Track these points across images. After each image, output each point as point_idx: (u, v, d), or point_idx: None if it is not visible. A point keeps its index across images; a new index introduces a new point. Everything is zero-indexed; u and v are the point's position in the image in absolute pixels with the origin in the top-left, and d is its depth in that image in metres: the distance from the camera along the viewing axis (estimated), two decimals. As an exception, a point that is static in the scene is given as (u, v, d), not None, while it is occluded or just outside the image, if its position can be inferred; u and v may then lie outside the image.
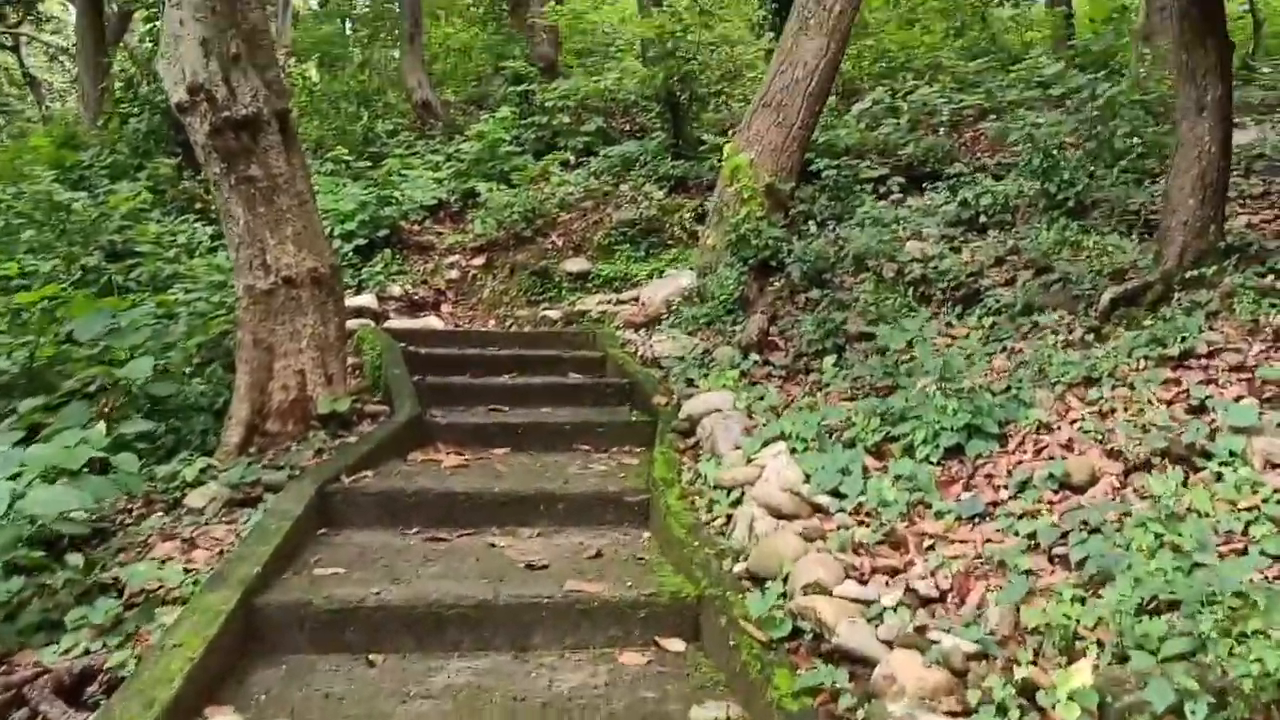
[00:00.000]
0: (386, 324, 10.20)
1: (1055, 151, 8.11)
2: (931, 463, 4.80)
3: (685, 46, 12.98)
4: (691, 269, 9.80)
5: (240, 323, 6.51)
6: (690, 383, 7.18)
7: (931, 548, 4.12)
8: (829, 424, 5.34)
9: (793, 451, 5.02)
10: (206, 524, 5.21)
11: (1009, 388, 5.37)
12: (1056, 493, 4.32)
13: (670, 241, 12.14)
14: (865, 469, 4.81)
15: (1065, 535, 3.91)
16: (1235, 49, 6.26)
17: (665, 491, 5.12)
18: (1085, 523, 3.90)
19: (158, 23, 13.41)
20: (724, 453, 5.41)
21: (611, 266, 11.87)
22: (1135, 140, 9.02)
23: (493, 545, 4.98)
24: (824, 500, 4.57)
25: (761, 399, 6.19)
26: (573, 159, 13.38)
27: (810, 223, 9.45)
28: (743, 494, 4.86)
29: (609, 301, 11.05)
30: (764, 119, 9.57)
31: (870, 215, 9.21)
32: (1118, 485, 4.25)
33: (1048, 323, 6.42)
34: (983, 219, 8.57)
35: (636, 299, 10.85)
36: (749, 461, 5.09)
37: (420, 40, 16.48)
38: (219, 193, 6.52)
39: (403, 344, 8.40)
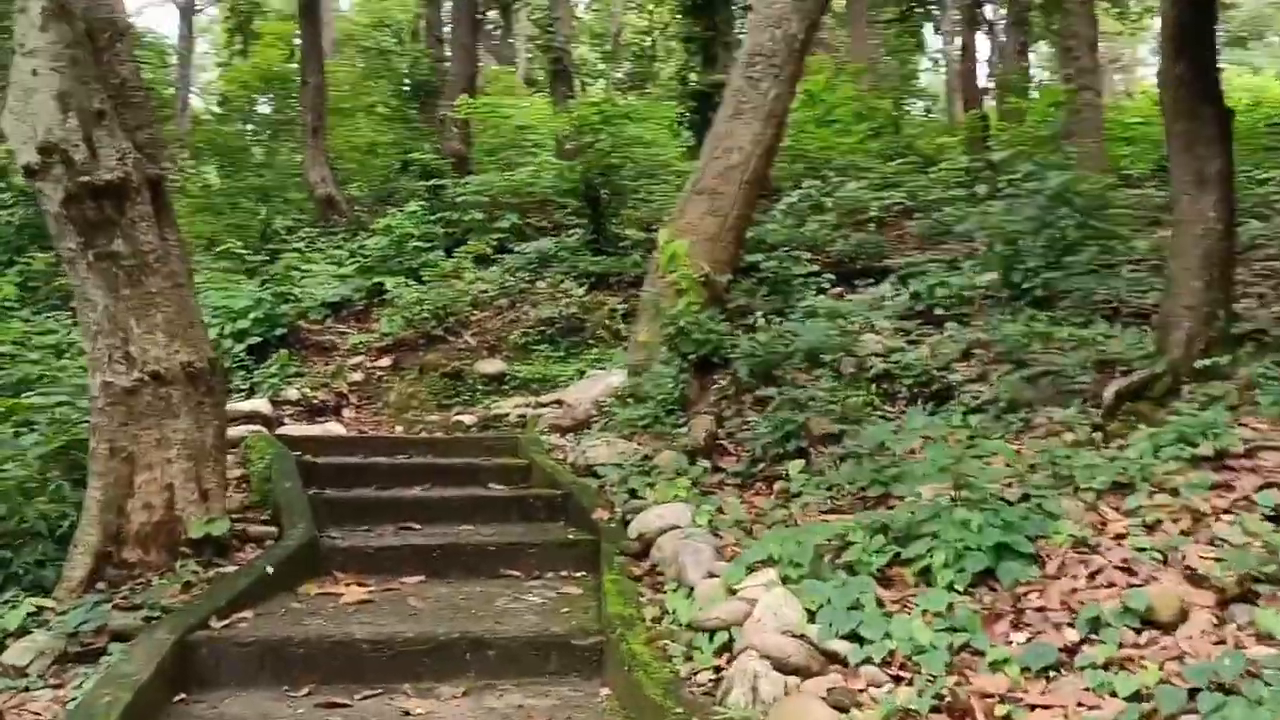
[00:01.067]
0: (280, 430, 8.95)
1: (1018, 240, 7.39)
2: (958, 591, 3.80)
3: (605, 137, 12.20)
4: (620, 368, 8.80)
5: (95, 428, 5.27)
6: (634, 494, 6.11)
7: (1007, 718, 3.08)
8: (818, 544, 4.31)
9: (784, 580, 3.97)
10: (27, 689, 3.92)
11: (1026, 496, 4.43)
12: (1139, 632, 3.34)
13: (592, 341, 11.18)
14: (879, 601, 3.78)
15: (1193, 695, 2.91)
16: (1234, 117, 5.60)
17: (626, 634, 3.99)
18: (1215, 678, 2.91)
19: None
20: (694, 581, 4.32)
21: (529, 367, 10.84)
22: (1085, 230, 8.37)
23: (406, 714, 3.79)
24: (839, 647, 3.52)
25: (722, 512, 5.15)
26: (490, 252, 12.39)
27: (750, 317, 8.57)
28: (730, 638, 3.77)
29: (528, 405, 9.99)
30: (697, 207, 8.72)
31: (815, 309, 8.36)
32: (1215, 621, 3.30)
33: (1041, 421, 5.56)
34: (938, 311, 7.78)
35: (559, 401, 9.80)
36: (731, 593, 4.02)
37: (323, 134, 15.46)
38: (73, 273, 5.33)
39: (298, 453, 7.18)
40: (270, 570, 4.87)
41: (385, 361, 10.95)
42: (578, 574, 5.37)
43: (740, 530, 4.99)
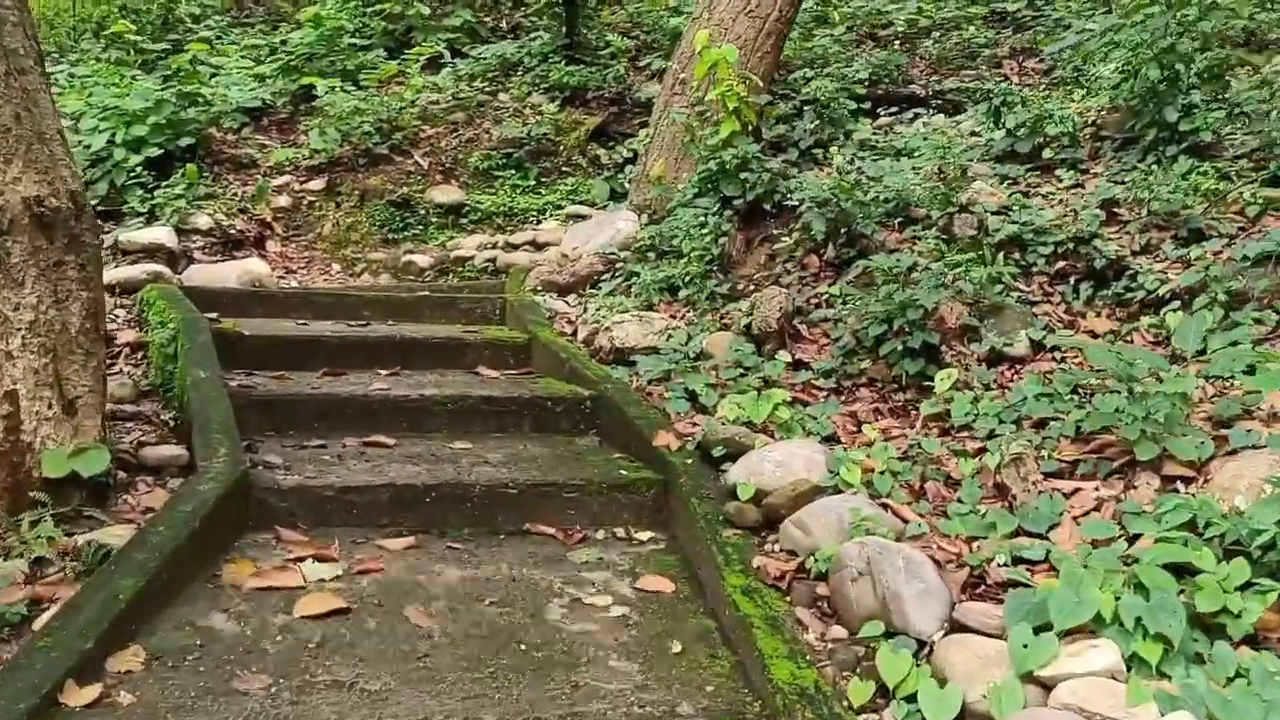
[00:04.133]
0: (189, 275, 6.73)
1: (1176, 65, 5.38)
2: None
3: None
4: (627, 208, 6.71)
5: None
6: (694, 399, 4.19)
7: None
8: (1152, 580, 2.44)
9: (1131, 665, 2.14)
10: None
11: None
12: None
13: (566, 168, 9.01)
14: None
15: None
16: None
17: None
18: None
19: None
20: (923, 628, 2.44)
21: (492, 198, 8.66)
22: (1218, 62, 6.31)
23: None
24: None
25: (894, 473, 3.26)
26: (447, 54, 9.91)
27: (788, 153, 6.53)
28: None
29: (495, 245, 7.89)
30: (730, 3, 6.51)
31: (874, 142, 6.35)
32: None
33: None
34: (1047, 154, 5.82)
35: (533, 243, 7.74)
36: (1035, 683, 2.16)
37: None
38: None
39: (214, 315, 5.06)
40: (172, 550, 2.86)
41: (317, 184, 8.64)
42: (645, 536, 3.47)
43: (924, 501, 3.13)
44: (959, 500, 3.09)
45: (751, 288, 5.34)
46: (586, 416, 4.28)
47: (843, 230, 5.16)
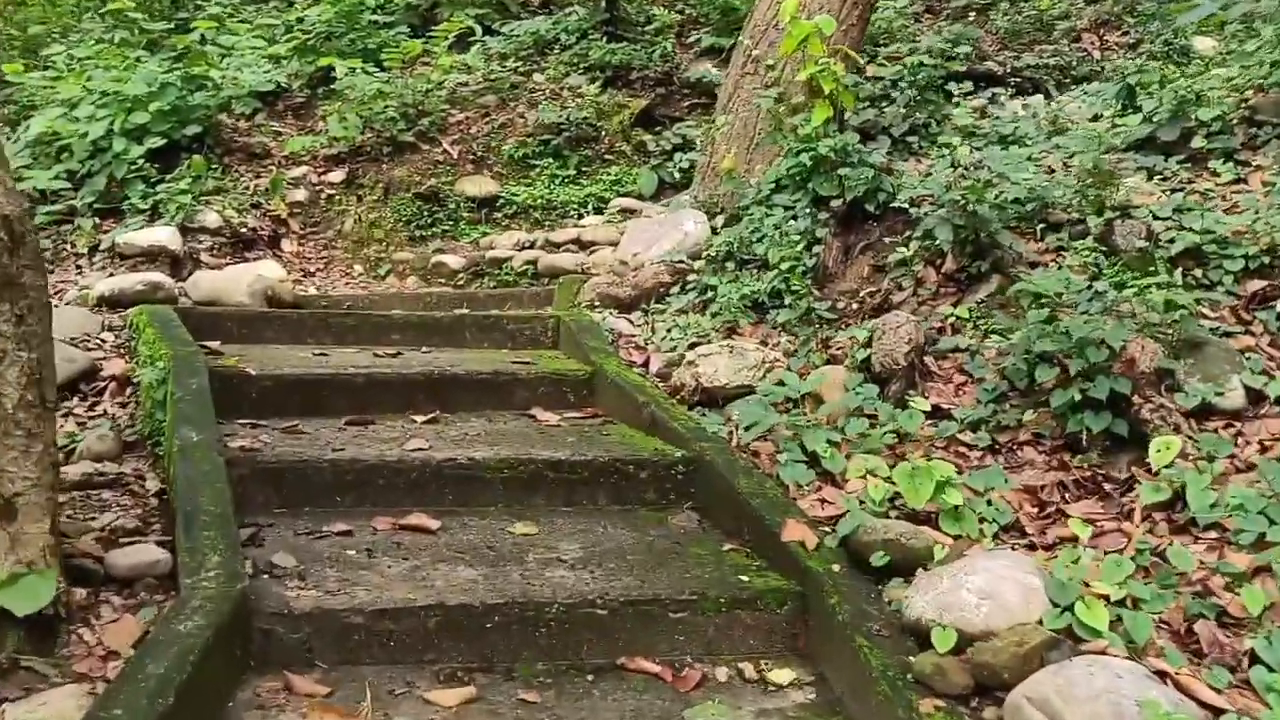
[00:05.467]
0: (194, 283, 5.79)
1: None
2: None
3: None
4: (690, 204, 5.71)
5: None
6: (815, 462, 3.23)
7: None
8: None
9: None
10: None
11: None
12: None
13: (609, 156, 8.00)
14: None
15: None
16: None
17: None
18: None
19: None
20: None
21: (528, 190, 7.67)
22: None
23: None
24: None
25: (1141, 602, 2.29)
26: (478, 29, 8.89)
27: (882, 140, 5.52)
28: None
29: (533, 244, 6.91)
30: (811, -32, 5.47)
31: (982, 130, 5.34)
32: None
33: None
34: (1196, 142, 4.80)
35: (578, 241, 6.76)
36: None
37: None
38: None
39: (214, 345, 4.11)
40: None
41: (336, 175, 7.65)
42: (784, 678, 2.49)
43: (1193, 650, 2.16)
44: (1262, 662, 2.12)
45: (854, 306, 4.36)
46: (678, 484, 3.32)
47: (970, 239, 4.16)
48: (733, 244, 4.82)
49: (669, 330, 4.52)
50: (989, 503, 2.86)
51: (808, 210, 4.62)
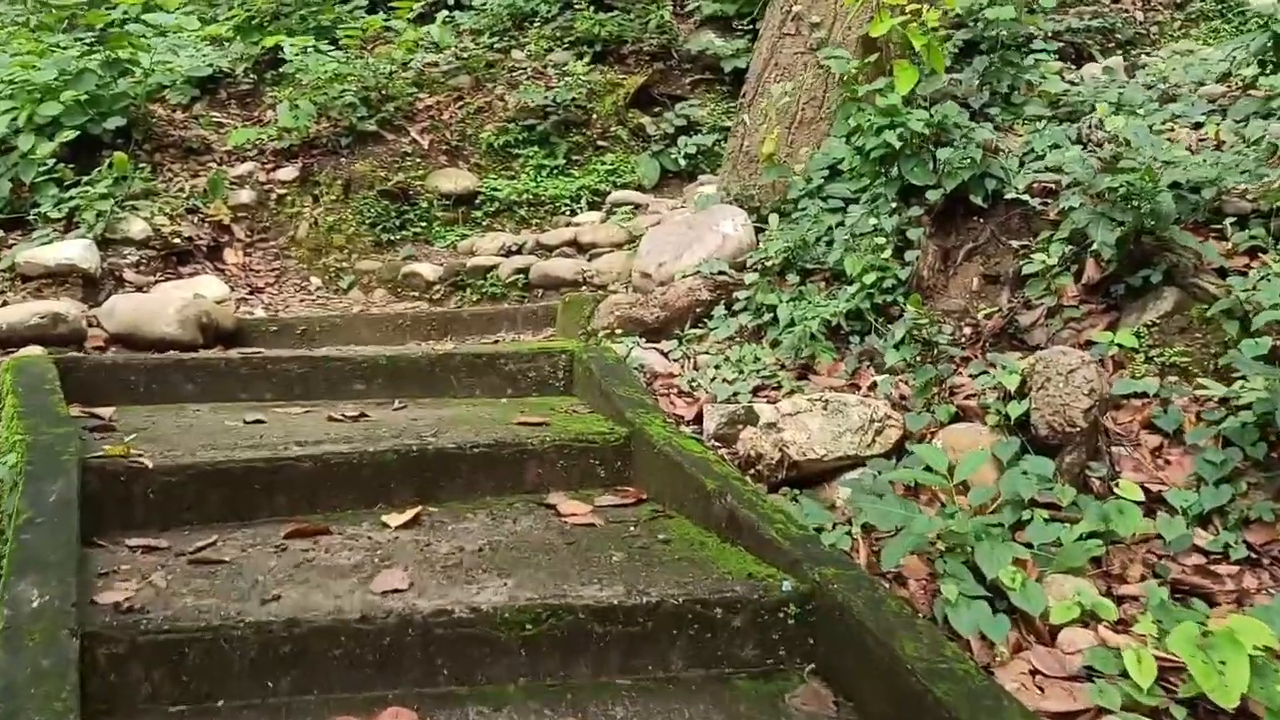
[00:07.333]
0: (111, 310, 4.51)
1: None
2: None
3: None
4: (723, 199, 4.50)
5: None
6: (1000, 594, 2.08)
7: None
8: None
9: None
10: None
11: None
12: None
13: (602, 142, 6.80)
14: None
15: None
16: None
17: None
18: None
19: None
20: None
21: (511, 184, 6.50)
22: None
23: None
24: None
25: None
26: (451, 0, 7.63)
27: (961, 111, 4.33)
28: None
29: (521, 247, 5.73)
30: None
31: (1076, 96, 4.18)
32: None
33: None
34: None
35: (574, 242, 5.59)
36: None
37: None
38: None
39: (104, 416, 2.88)
40: None
41: (288, 172, 6.41)
42: None
43: None
44: None
45: (967, 332, 3.19)
46: (789, 634, 2.13)
47: (1130, 240, 3.00)
48: (791, 249, 3.62)
49: (717, 367, 3.33)
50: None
51: (892, 204, 3.44)
